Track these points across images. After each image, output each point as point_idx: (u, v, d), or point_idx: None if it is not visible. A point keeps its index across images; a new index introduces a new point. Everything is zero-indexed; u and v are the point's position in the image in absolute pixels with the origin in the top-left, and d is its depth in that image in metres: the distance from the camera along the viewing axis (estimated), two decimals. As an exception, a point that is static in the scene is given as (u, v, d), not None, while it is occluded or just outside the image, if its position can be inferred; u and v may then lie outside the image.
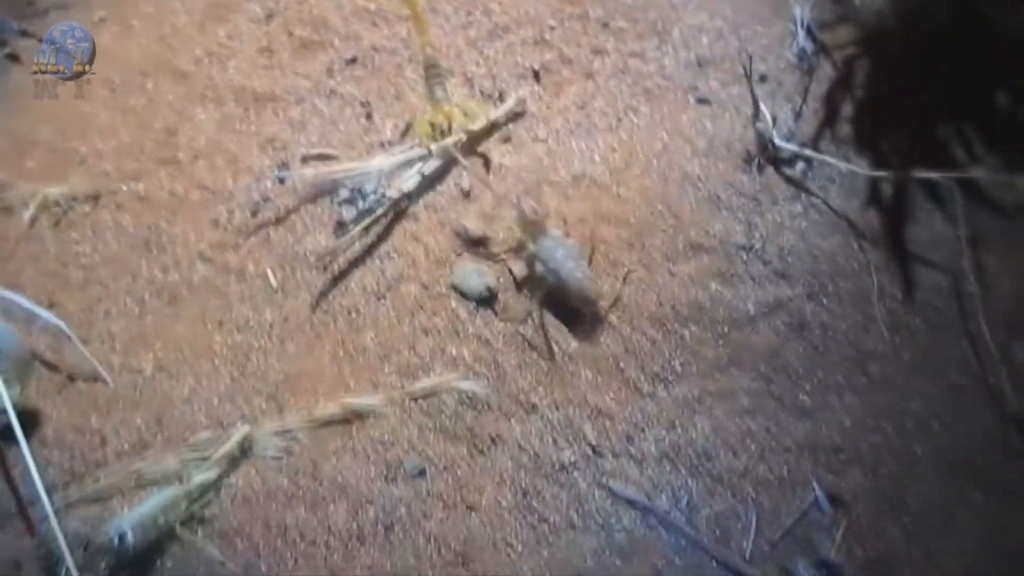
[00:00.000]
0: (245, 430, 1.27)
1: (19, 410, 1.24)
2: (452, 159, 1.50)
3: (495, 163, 1.50)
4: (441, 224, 1.45)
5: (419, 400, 1.31)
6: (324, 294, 1.40)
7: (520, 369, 1.33)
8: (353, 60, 1.63)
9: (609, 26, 1.64)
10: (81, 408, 1.31)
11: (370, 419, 1.30)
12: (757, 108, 1.47)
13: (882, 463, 1.27)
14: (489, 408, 1.30)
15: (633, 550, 1.22)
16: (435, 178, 1.49)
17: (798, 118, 1.50)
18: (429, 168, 1.48)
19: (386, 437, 1.28)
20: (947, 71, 1.52)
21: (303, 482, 1.26)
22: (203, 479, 1.23)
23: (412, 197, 1.47)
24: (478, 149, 1.52)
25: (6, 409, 1.22)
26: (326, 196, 1.49)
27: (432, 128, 1.51)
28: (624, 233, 1.42)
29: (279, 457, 1.27)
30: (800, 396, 1.31)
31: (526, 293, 1.37)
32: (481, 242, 1.42)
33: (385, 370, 1.34)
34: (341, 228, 1.45)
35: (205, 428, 1.29)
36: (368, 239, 1.44)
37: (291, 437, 1.28)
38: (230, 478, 1.26)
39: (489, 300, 1.37)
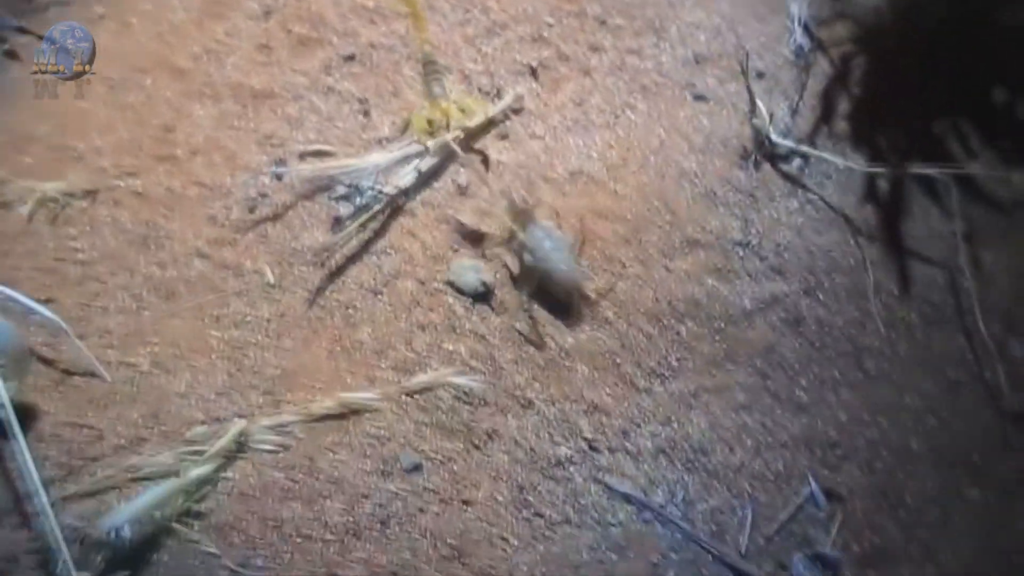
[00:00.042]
0: (241, 425, 1.27)
1: (16, 405, 1.24)
2: (449, 155, 1.50)
3: (492, 160, 1.50)
4: (438, 220, 1.45)
5: (415, 395, 1.31)
6: (321, 290, 1.40)
7: (516, 364, 1.33)
8: (351, 57, 1.63)
9: (606, 23, 1.64)
10: (78, 403, 1.31)
11: (366, 414, 1.30)
12: (754, 105, 1.48)
13: (878, 458, 1.27)
14: (485, 403, 1.30)
15: (629, 545, 1.22)
16: (432, 174, 1.50)
17: (795, 114, 1.50)
18: (426, 165, 1.49)
19: (382, 432, 1.29)
20: (944, 67, 1.52)
21: (299, 477, 1.26)
22: (199, 474, 1.23)
23: (409, 193, 1.48)
24: (475, 146, 1.52)
25: (3, 404, 1.22)
26: (323, 193, 1.49)
27: (429, 125, 1.52)
28: (620, 229, 1.42)
29: (275, 452, 1.27)
30: (796, 391, 1.31)
31: (519, 287, 1.38)
32: (477, 238, 1.42)
33: (381, 366, 1.34)
34: (338, 224, 1.45)
35: (201, 423, 1.29)
36: (365, 235, 1.44)
37: (287, 432, 1.28)
38: (226, 473, 1.26)
39: (485, 296, 1.38)
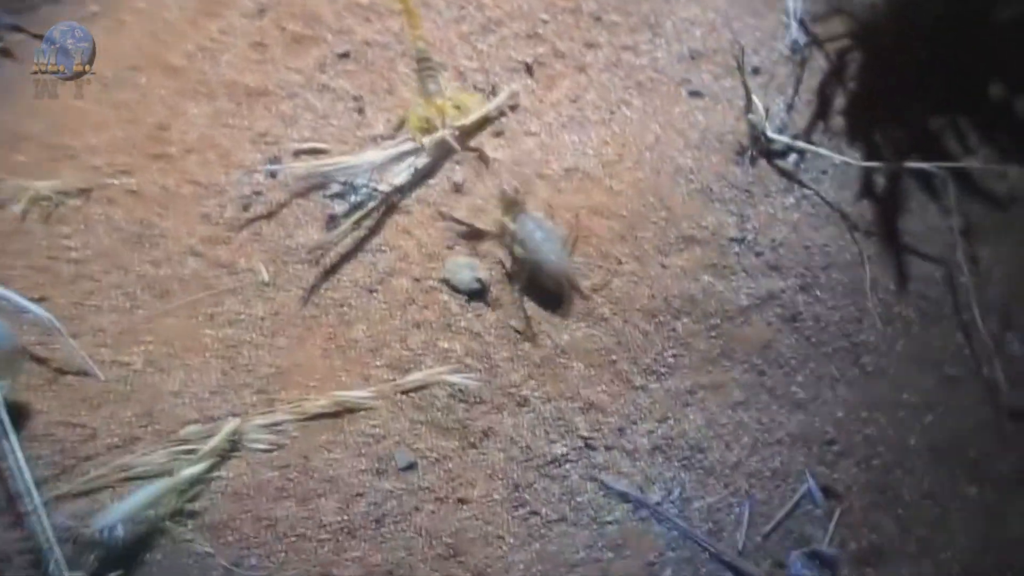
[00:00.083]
0: (235, 423, 1.26)
1: (8, 404, 1.24)
2: (444, 153, 1.49)
3: (488, 157, 1.50)
4: (433, 218, 1.45)
5: (410, 393, 1.30)
6: (315, 288, 1.40)
7: (512, 362, 1.32)
8: (345, 55, 1.62)
9: (602, 20, 1.63)
10: (71, 402, 1.30)
11: (361, 412, 1.29)
12: (750, 100, 1.47)
13: (875, 455, 1.26)
14: (480, 401, 1.30)
15: (625, 543, 1.21)
16: (427, 172, 1.49)
17: (791, 110, 1.50)
18: (421, 162, 1.48)
19: (377, 430, 1.28)
20: (941, 63, 1.52)
21: (293, 475, 1.25)
22: (193, 473, 1.23)
23: (404, 191, 1.47)
24: (470, 143, 1.52)
25: (-4, 403, 1.22)
26: (318, 190, 1.48)
27: (425, 122, 1.51)
28: (616, 226, 1.42)
29: (269, 451, 1.26)
30: (793, 388, 1.31)
31: (512, 281, 1.37)
32: (472, 235, 1.42)
33: (376, 364, 1.33)
34: (332, 222, 1.45)
35: (195, 422, 1.29)
36: (359, 233, 1.44)
37: (281, 431, 1.28)
38: (220, 472, 1.25)
39: (480, 293, 1.37)
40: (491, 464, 1.26)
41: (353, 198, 1.46)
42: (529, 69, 1.59)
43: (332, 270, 1.41)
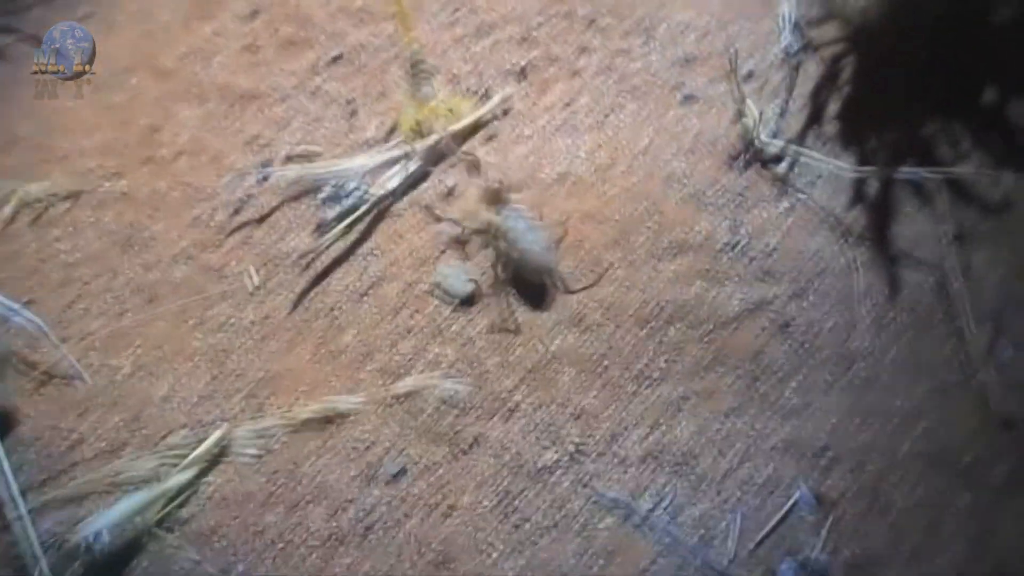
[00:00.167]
0: (224, 429, 1.26)
1: (-6, 409, 1.23)
2: (437, 157, 1.49)
3: (480, 161, 1.49)
4: (424, 222, 1.44)
5: (400, 400, 1.30)
6: (305, 293, 1.39)
7: (502, 368, 1.32)
8: (338, 58, 1.62)
9: (595, 23, 1.63)
10: (58, 407, 1.29)
11: (350, 419, 1.28)
12: (743, 105, 1.47)
13: (868, 462, 1.26)
14: (471, 408, 1.29)
15: (616, 550, 1.21)
16: (419, 176, 1.48)
17: (784, 115, 1.49)
18: (413, 166, 1.47)
19: (366, 437, 1.27)
20: (933, 67, 1.51)
21: (282, 482, 1.24)
22: (181, 479, 1.22)
23: (396, 195, 1.46)
24: (463, 147, 1.51)
25: (-18, 408, 1.21)
26: (309, 194, 1.47)
27: (417, 126, 1.51)
28: (608, 231, 1.41)
29: (258, 457, 1.26)
30: (785, 395, 1.30)
31: (497, 279, 1.37)
32: (464, 240, 1.41)
33: (366, 369, 1.33)
34: (324, 226, 1.44)
35: (183, 427, 1.28)
36: (351, 238, 1.43)
37: (270, 437, 1.27)
38: (208, 478, 1.24)
39: (472, 299, 1.36)
40: (481, 471, 1.25)
41: (344, 202, 1.45)
42: (522, 73, 1.58)
43: (323, 275, 1.40)
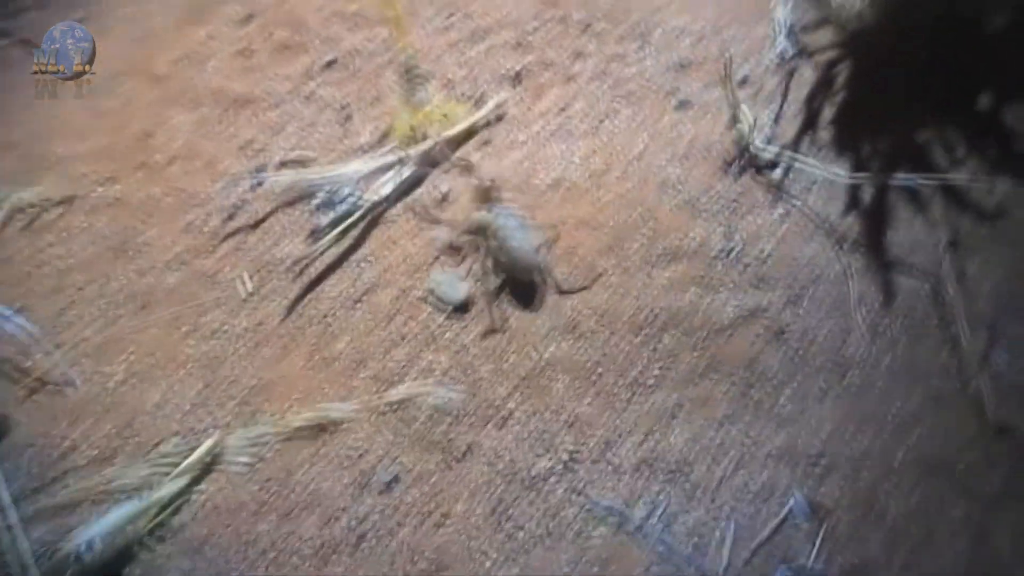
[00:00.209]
0: (216, 437, 1.25)
1: (-14, 417, 1.23)
2: (431, 163, 1.48)
3: (474, 167, 1.49)
4: (418, 228, 1.44)
5: (393, 408, 1.29)
6: (299, 299, 1.39)
7: (496, 376, 1.31)
8: (332, 63, 1.61)
9: (590, 28, 1.63)
10: (50, 414, 1.29)
11: (344, 426, 1.28)
12: (737, 111, 1.46)
13: (862, 470, 1.26)
14: (464, 416, 1.29)
15: (610, 559, 1.20)
16: (413, 182, 1.48)
17: (778, 121, 1.49)
18: (407, 172, 1.47)
19: (359, 445, 1.27)
20: (928, 74, 1.51)
21: (275, 490, 1.24)
22: (173, 487, 1.21)
23: (390, 201, 1.46)
24: (457, 153, 1.51)
25: (-27, 416, 1.20)
26: (303, 200, 1.47)
27: (411, 131, 1.50)
28: (602, 237, 1.41)
29: (251, 465, 1.25)
30: (779, 403, 1.30)
31: (487, 280, 1.37)
32: (458, 247, 1.41)
33: (360, 377, 1.32)
34: (317, 233, 1.44)
35: (176, 435, 1.27)
36: (344, 244, 1.43)
37: (263, 445, 1.26)
38: (200, 486, 1.24)
39: (465, 306, 1.36)
40: (475, 479, 1.25)
41: (338, 208, 1.44)
42: (517, 78, 1.58)
43: (316, 281, 1.40)
